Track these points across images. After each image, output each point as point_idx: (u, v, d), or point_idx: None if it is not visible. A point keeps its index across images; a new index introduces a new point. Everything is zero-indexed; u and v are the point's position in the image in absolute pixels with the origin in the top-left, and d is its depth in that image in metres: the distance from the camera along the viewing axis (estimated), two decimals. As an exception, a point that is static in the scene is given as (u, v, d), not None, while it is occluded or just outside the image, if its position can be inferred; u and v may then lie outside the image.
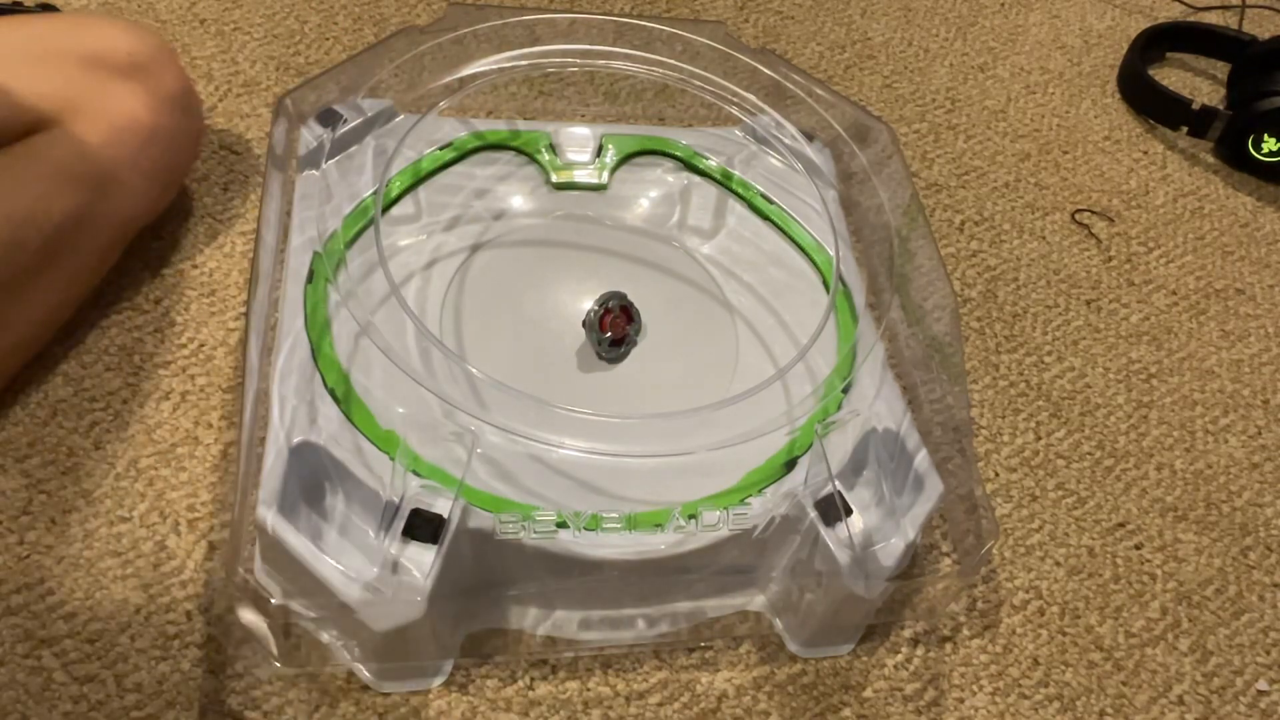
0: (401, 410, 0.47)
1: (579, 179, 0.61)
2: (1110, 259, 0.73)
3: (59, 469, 0.50)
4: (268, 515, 0.42)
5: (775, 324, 0.57)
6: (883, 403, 0.51)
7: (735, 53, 0.62)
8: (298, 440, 0.45)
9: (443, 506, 0.43)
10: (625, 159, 0.62)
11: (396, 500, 0.43)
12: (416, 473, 0.44)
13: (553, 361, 0.53)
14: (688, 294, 0.58)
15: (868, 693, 0.50)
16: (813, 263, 0.59)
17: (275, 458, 0.44)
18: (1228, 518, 0.60)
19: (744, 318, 0.57)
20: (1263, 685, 0.54)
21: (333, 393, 0.47)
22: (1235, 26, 0.91)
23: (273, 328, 0.50)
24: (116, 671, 0.45)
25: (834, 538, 0.45)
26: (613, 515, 0.45)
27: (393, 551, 0.42)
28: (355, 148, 0.57)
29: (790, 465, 0.49)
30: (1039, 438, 0.62)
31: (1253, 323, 0.71)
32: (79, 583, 0.47)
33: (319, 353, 0.48)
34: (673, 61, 0.61)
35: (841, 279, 0.57)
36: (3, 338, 0.50)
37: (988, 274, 0.71)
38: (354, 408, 0.47)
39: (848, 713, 0.49)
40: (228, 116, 0.68)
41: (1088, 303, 0.70)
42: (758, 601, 0.51)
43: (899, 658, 0.51)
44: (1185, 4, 0.96)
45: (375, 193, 0.54)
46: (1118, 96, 0.86)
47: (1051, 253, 0.73)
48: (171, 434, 0.52)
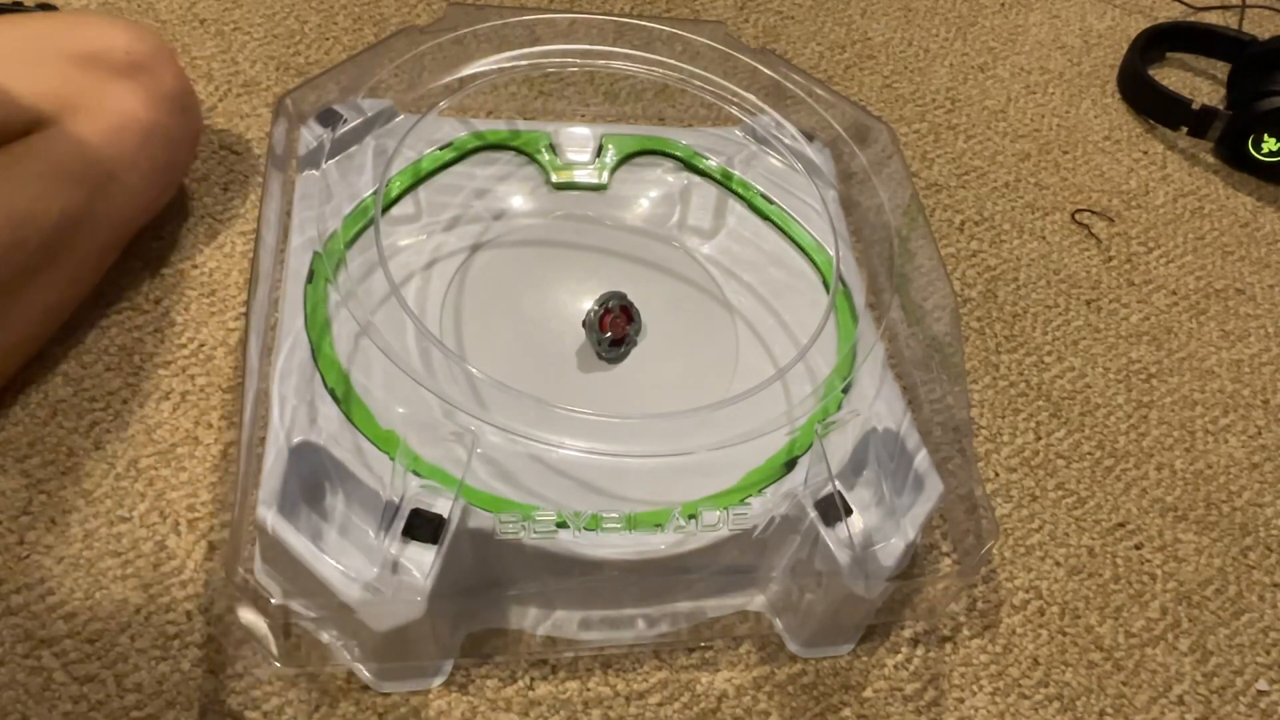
0: (401, 410, 0.47)
1: (579, 179, 0.61)
2: (1110, 259, 0.73)
3: (59, 469, 0.50)
4: (268, 515, 0.42)
5: (775, 324, 0.57)
6: (883, 403, 0.51)
7: (735, 53, 0.62)
8: (298, 440, 0.45)
9: (443, 506, 0.43)
10: (625, 159, 0.62)
11: (396, 500, 0.43)
12: (416, 473, 0.44)
13: (553, 361, 0.53)
14: (688, 294, 0.58)
15: (868, 693, 0.50)
16: (813, 263, 0.59)
17: (275, 458, 0.44)
18: (1228, 518, 0.60)
19: (744, 318, 0.57)
20: (1263, 685, 0.54)
21: (333, 393, 0.47)
22: (1235, 26, 0.91)
23: (273, 328, 0.50)
24: (116, 671, 0.45)
25: (834, 538, 0.45)
26: (613, 515, 0.45)
27: (393, 551, 0.42)
28: (355, 148, 0.57)
29: (790, 465, 0.49)
30: (1039, 438, 0.62)
31: (1253, 323, 0.71)
32: (79, 583, 0.47)
33: (319, 353, 0.48)
34: (673, 61, 0.61)
35: (841, 279, 0.57)
36: (2, 337, 0.50)
37: (988, 274, 0.71)
38: (354, 408, 0.47)
39: (848, 713, 0.49)
40: (228, 116, 0.68)
41: (1088, 303, 0.70)
42: (758, 601, 0.51)
43: (899, 658, 0.51)
44: (1185, 4, 0.96)
45: (375, 193, 0.54)
46: (1118, 96, 0.86)
47: (1051, 253, 0.73)
48: (171, 434, 0.52)
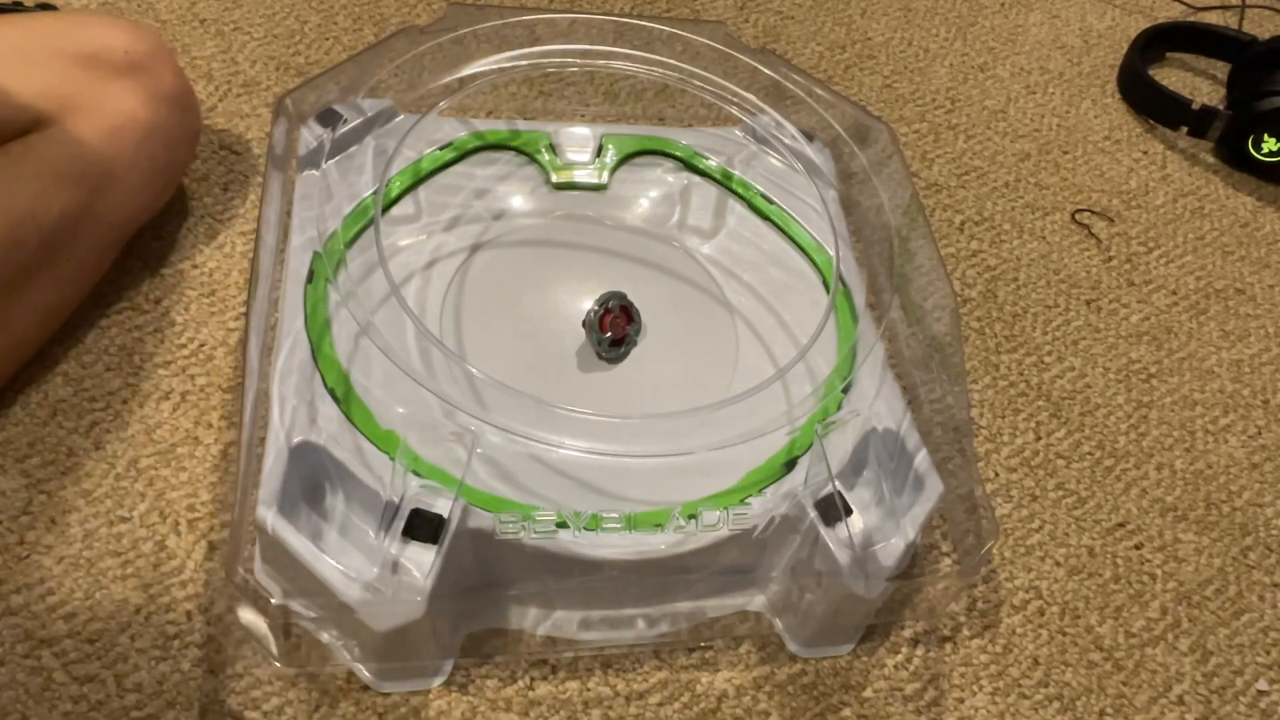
0: (401, 410, 0.47)
1: (579, 179, 0.61)
2: (1110, 259, 0.73)
3: (59, 469, 0.50)
4: (268, 515, 0.42)
5: (775, 324, 0.57)
6: (883, 403, 0.51)
7: (735, 53, 0.61)
8: (298, 440, 0.45)
9: (443, 506, 0.43)
10: (625, 159, 0.62)
11: (396, 500, 0.43)
12: (416, 473, 0.44)
13: (553, 361, 0.53)
14: (688, 294, 0.58)
15: (868, 693, 0.50)
16: (813, 263, 0.59)
17: (275, 458, 0.44)
18: (1228, 518, 0.60)
19: (744, 318, 0.57)
20: (1263, 685, 0.54)
21: (333, 393, 0.47)
22: (1235, 26, 0.91)
23: (273, 328, 0.50)
24: (116, 671, 0.45)
25: (834, 538, 0.45)
26: (613, 515, 0.45)
27: (393, 551, 0.42)
28: (355, 148, 0.57)
29: (790, 465, 0.49)
30: (1039, 438, 0.62)
31: (1253, 323, 0.71)
32: (79, 583, 0.47)
33: (319, 353, 0.48)
34: (673, 61, 0.61)
35: (841, 279, 0.57)
36: (2, 337, 0.50)
37: (988, 274, 0.71)
38: (354, 408, 0.47)
39: (848, 713, 0.49)
40: (228, 116, 0.68)
41: (1088, 303, 0.70)
42: (758, 601, 0.51)
43: (899, 658, 0.51)
44: (1185, 4, 0.96)
45: (375, 193, 0.54)
46: (1118, 96, 0.86)
47: (1051, 253, 0.73)
48: (171, 434, 0.52)
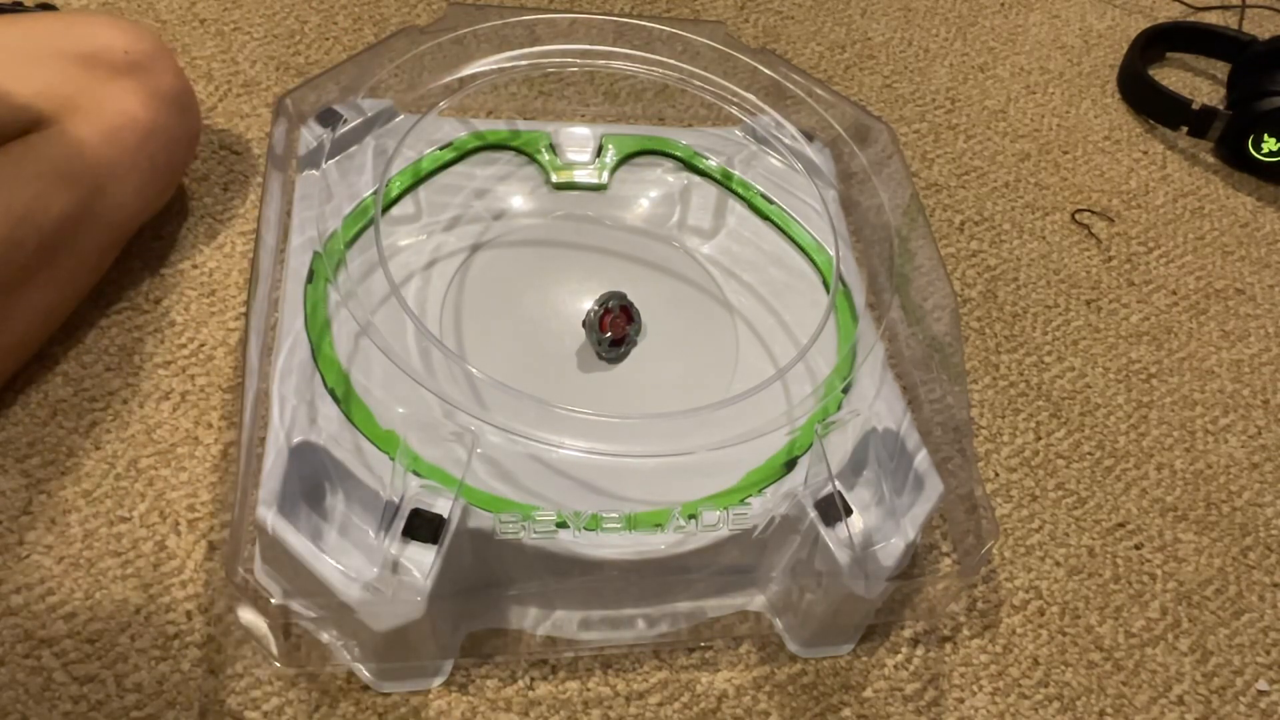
0: (401, 410, 0.47)
1: (579, 179, 0.61)
2: (1110, 259, 0.73)
3: (59, 469, 0.50)
4: (268, 515, 0.42)
5: (775, 324, 0.57)
6: (883, 403, 0.51)
7: (735, 53, 0.61)
8: (298, 440, 0.45)
9: (443, 506, 0.43)
10: (625, 159, 0.62)
11: (396, 500, 0.43)
12: (416, 473, 0.44)
13: (553, 361, 0.53)
14: (688, 294, 0.58)
15: (868, 693, 0.50)
16: (813, 263, 0.59)
17: (275, 458, 0.44)
18: (1228, 518, 0.60)
19: (744, 318, 0.57)
20: (1263, 685, 0.54)
21: (333, 393, 0.47)
22: (1235, 26, 0.91)
23: (273, 328, 0.50)
24: (116, 671, 0.45)
25: (834, 538, 0.45)
26: (613, 515, 0.45)
27: (393, 551, 0.42)
28: (355, 148, 0.57)
29: (790, 465, 0.49)
30: (1039, 438, 0.62)
31: (1253, 323, 0.71)
32: (79, 583, 0.47)
33: (319, 353, 0.48)
34: (673, 61, 0.61)
35: (841, 279, 0.57)
36: (2, 337, 0.50)
37: (988, 274, 0.71)
38: (354, 408, 0.47)
39: (848, 713, 0.49)
40: (228, 116, 0.68)
41: (1088, 303, 0.70)
42: (758, 601, 0.51)
43: (899, 658, 0.51)
44: (1185, 4, 0.96)
45: (375, 193, 0.54)
46: (1118, 96, 0.86)
47: (1051, 253, 0.73)
48: (171, 434, 0.52)
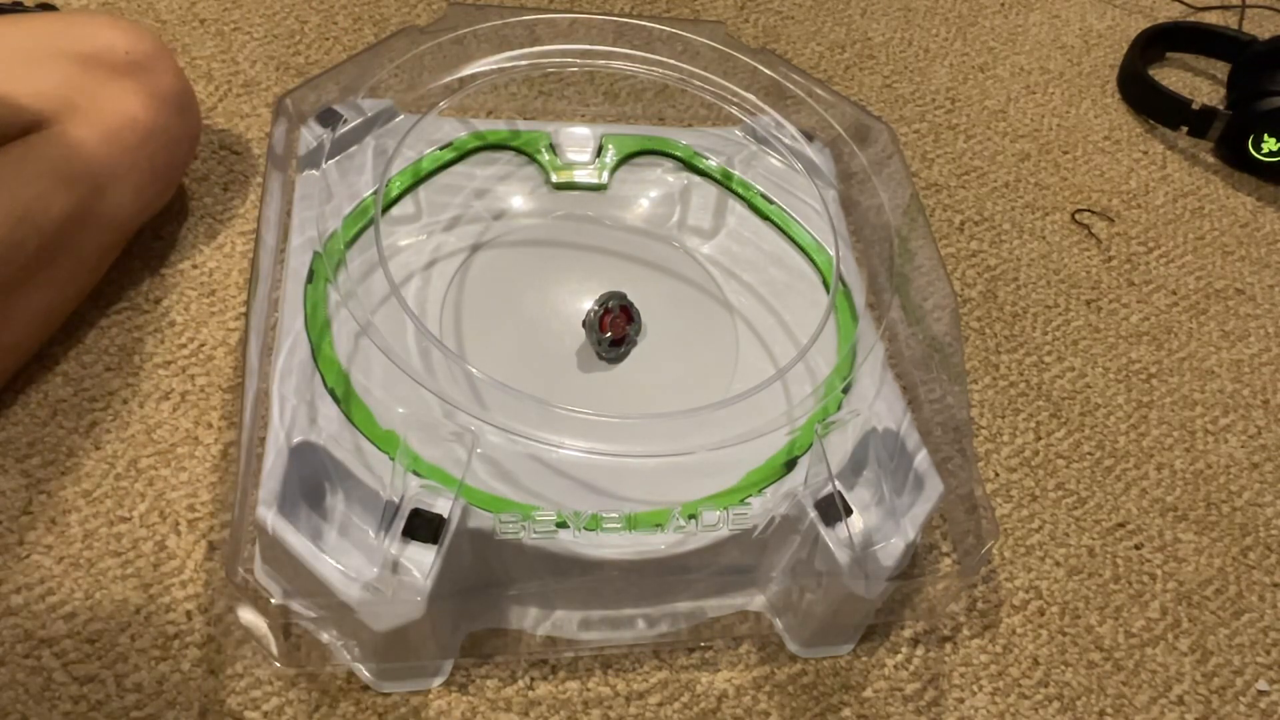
0: (401, 410, 0.47)
1: (579, 179, 0.61)
2: (1110, 259, 0.73)
3: (59, 469, 0.50)
4: (268, 515, 0.42)
5: (775, 324, 0.57)
6: (883, 403, 0.51)
7: (735, 53, 0.62)
8: (298, 440, 0.45)
9: (443, 506, 0.43)
10: (625, 159, 0.62)
11: (396, 500, 0.43)
12: (416, 473, 0.44)
13: (553, 361, 0.53)
14: (688, 294, 0.58)
15: (868, 693, 0.50)
16: (813, 263, 0.59)
17: (275, 458, 0.44)
18: (1228, 518, 0.60)
19: (744, 318, 0.57)
20: (1263, 685, 0.54)
21: (333, 393, 0.47)
22: (1235, 26, 0.91)
23: (273, 328, 0.50)
24: (116, 671, 0.45)
25: (834, 538, 0.45)
26: (613, 515, 0.45)
27: (393, 551, 0.42)
28: (355, 148, 0.57)
29: (790, 465, 0.49)
30: (1039, 438, 0.62)
31: (1253, 323, 0.71)
32: (79, 583, 0.47)
33: (319, 353, 0.48)
34: (673, 61, 0.61)
35: (841, 279, 0.57)
36: (2, 337, 0.50)
37: (988, 274, 0.71)
38: (354, 408, 0.47)
39: (848, 713, 0.49)
40: (228, 116, 0.68)
41: (1088, 303, 0.70)
42: (758, 601, 0.51)
43: (899, 658, 0.51)
44: (1185, 4, 0.96)
45: (375, 193, 0.54)
46: (1118, 96, 0.86)
47: (1051, 253, 0.73)
48: (171, 434, 0.52)
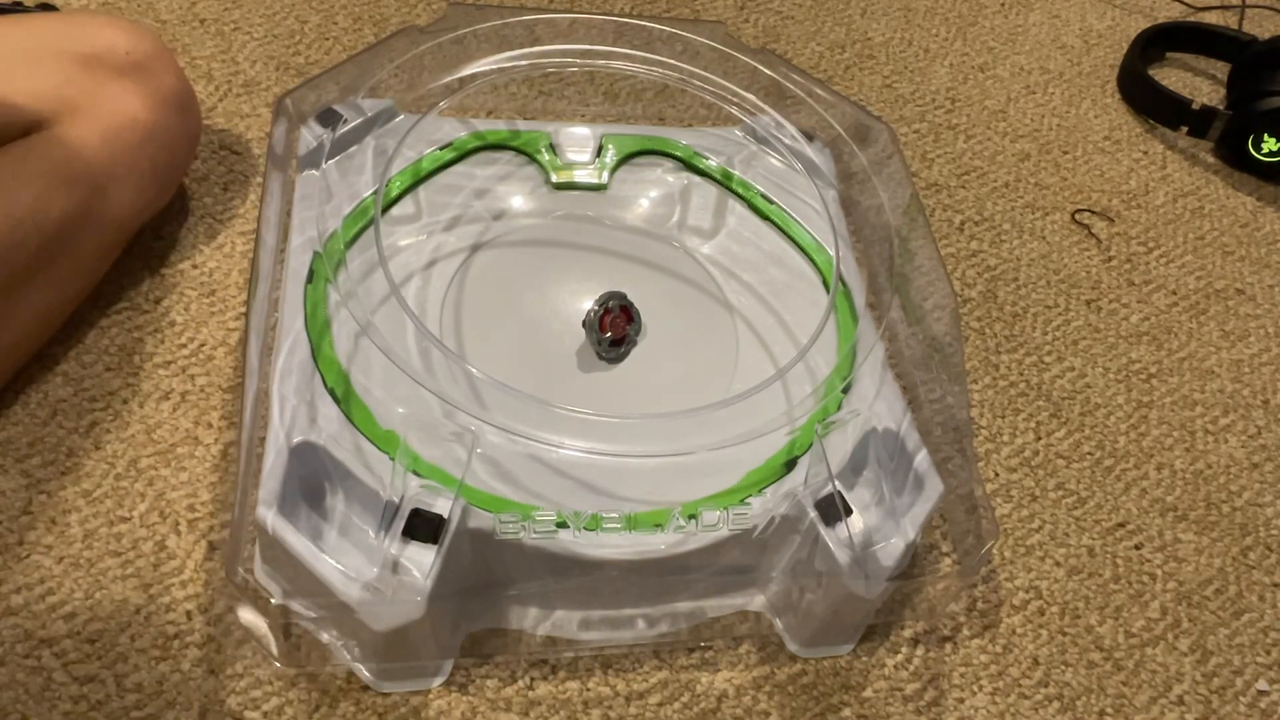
0: (401, 410, 0.47)
1: (579, 179, 0.61)
2: (1110, 259, 0.73)
3: (59, 469, 0.50)
4: (268, 515, 0.42)
5: (775, 324, 0.57)
6: (883, 403, 0.51)
7: (735, 53, 0.62)
8: (298, 440, 0.45)
9: (443, 506, 0.43)
10: (625, 159, 0.62)
11: (396, 500, 0.43)
12: (416, 473, 0.44)
13: (553, 361, 0.53)
14: (688, 294, 0.58)
15: (868, 693, 0.50)
16: (813, 263, 0.59)
17: (275, 458, 0.44)
18: (1228, 518, 0.60)
19: (744, 318, 0.57)
20: (1263, 685, 0.54)
21: (333, 393, 0.47)
22: (1235, 26, 0.91)
23: (273, 328, 0.50)
24: (116, 671, 0.45)
25: (834, 538, 0.45)
26: (613, 515, 0.45)
27: (393, 551, 0.42)
28: (355, 148, 0.57)
29: (790, 465, 0.49)
30: (1039, 438, 0.62)
31: (1253, 323, 0.71)
32: (79, 583, 0.47)
33: (319, 353, 0.48)
34: (673, 61, 0.61)
35: (841, 279, 0.57)
36: (2, 337, 0.50)
37: (988, 274, 0.71)
38: (354, 408, 0.47)
39: (848, 713, 0.49)
40: (228, 116, 0.68)
41: (1088, 303, 0.70)
42: (758, 601, 0.51)
43: (899, 658, 0.51)
44: (1185, 4, 0.96)
45: (375, 193, 0.54)
46: (1118, 96, 0.86)
47: (1051, 253, 0.73)
48: (171, 434, 0.52)
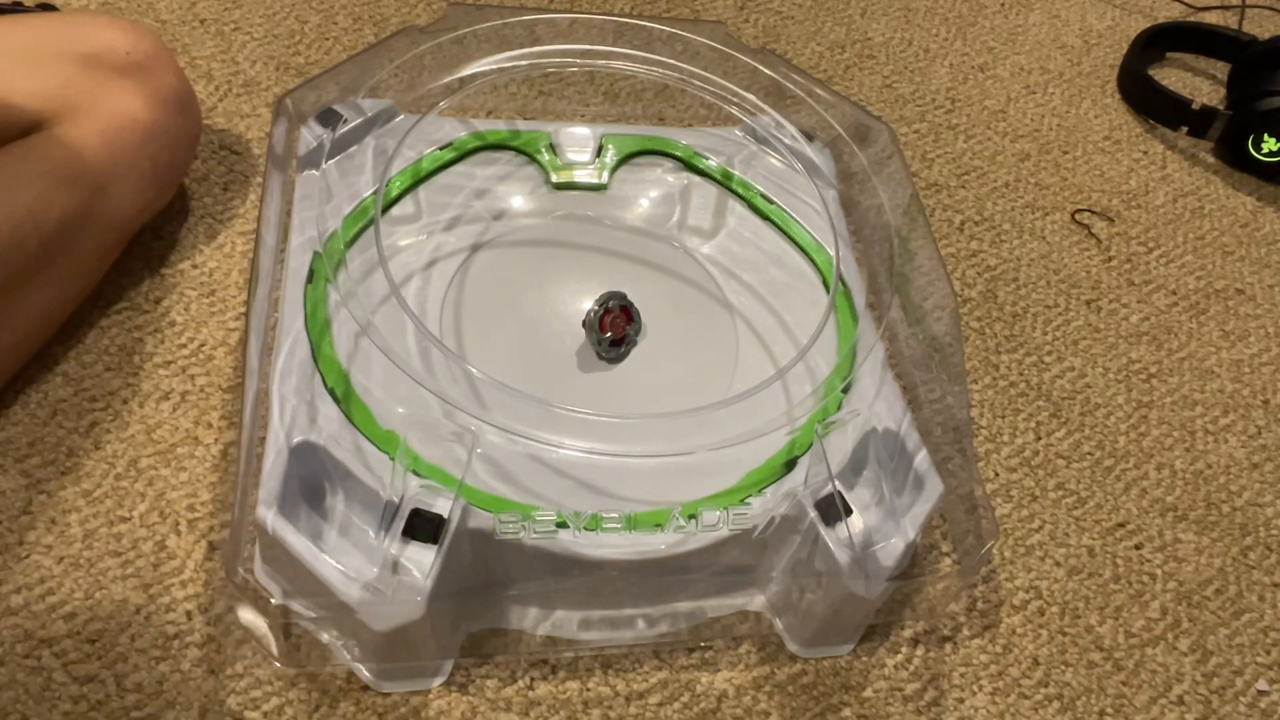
0: (401, 410, 0.47)
1: (579, 179, 0.61)
2: (1110, 259, 0.73)
3: (59, 469, 0.50)
4: (268, 515, 0.42)
5: (775, 324, 0.57)
6: (883, 403, 0.51)
7: (735, 53, 0.62)
8: (298, 440, 0.45)
9: (443, 506, 0.43)
10: (625, 159, 0.62)
11: (396, 500, 0.43)
12: (416, 473, 0.44)
13: (553, 361, 0.53)
14: (688, 294, 0.58)
15: (868, 693, 0.50)
16: (813, 263, 0.59)
17: (275, 458, 0.44)
18: (1228, 518, 0.60)
19: (744, 318, 0.57)
20: (1263, 685, 0.54)
21: (333, 393, 0.47)
22: (1235, 26, 0.91)
23: (273, 328, 0.50)
24: (116, 671, 0.45)
25: (834, 538, 0.45)
26: (613, 515, 0.45)
27: (393, 551, 0.42)
28: (355, 148, 0.57)
29: (790, 465, 0.49)
30: (1039, 438, 0.62)
31: (1253, 323, 0.71)
32: (79, 583, 0.47)
33: (319, 353, 0.48)
34: (673, 61, 0.61)
35: (841, 279, 0.57)
36: (2, 337, 0.50)
37: (988, 274, 0.71)
38: (354, 408, 0.47)
39: (848, 713, 0.49)
40: (228, 116, 0.68)
41: (1088, 303, 0.70)
42: (758, 601, 0.51)
43: (899, 658, 0.51)
44: (1185, 4, 0.96)
45: (375, 193, 0.54)
46: (1118, 96, 0.86)
47: (1051, 253, 0.73)
48: (171, 434, 0.52)
